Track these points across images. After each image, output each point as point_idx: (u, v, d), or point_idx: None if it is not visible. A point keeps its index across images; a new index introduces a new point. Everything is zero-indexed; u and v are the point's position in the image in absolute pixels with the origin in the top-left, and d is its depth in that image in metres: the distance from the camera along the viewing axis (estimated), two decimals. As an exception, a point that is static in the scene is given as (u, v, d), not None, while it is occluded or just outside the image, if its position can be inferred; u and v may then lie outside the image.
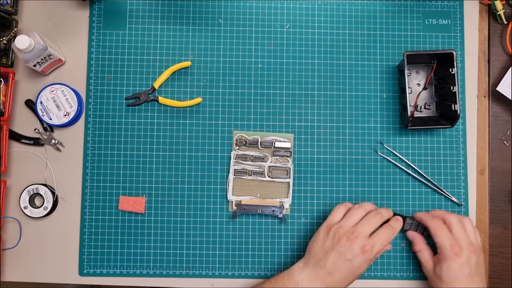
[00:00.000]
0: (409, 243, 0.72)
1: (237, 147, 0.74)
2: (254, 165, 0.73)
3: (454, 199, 0.73)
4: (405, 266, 0.73)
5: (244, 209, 0.72)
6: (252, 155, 0.73)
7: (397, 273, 0.73)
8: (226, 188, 0.73)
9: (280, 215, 0.72)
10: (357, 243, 0.63)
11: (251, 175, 0.73)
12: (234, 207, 0.72)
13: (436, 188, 0.73)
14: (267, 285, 0.65)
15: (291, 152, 0.73)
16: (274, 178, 0.73)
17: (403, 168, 0.74)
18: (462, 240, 0.65)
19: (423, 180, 0.73)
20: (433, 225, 0.67)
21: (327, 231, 0.66)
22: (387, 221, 0.68)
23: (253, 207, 0.72)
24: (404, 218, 0.70)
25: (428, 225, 0.67)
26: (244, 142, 0.73)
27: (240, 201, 0.72)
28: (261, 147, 0.73)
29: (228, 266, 0.73)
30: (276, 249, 0.73)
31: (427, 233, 0.69)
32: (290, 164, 0.73)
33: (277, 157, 0.73)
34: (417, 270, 0.73)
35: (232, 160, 0.73)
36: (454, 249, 0.64)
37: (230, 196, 0.73)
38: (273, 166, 0.73)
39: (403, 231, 0.72)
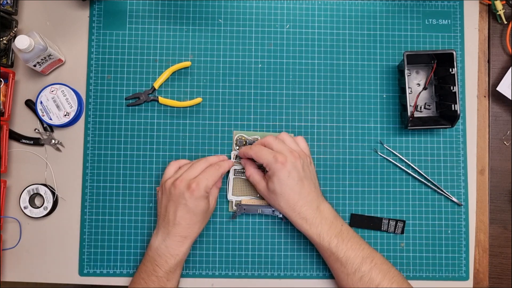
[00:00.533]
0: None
1: (237, 147, 0.73)
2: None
3: (454, 199, 0.73)
4: (405, 266, 0.73)
5: (244, 209, 0.72)
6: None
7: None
8: (226, 188, 0.73)
9: (280, 215, 0.72)
10: (182, 185, 0.65)
11: None
12: (234, 207, 0.72)
13: (436, 188, 0.73)
14: (139, 267, 0.68)
15: None
16: None
17: (403, 168, 0.74)
18: (284, 150, 0.66)
19: (423, 180, 0.73)
20: (253, 151, 0.67)
21: (162, 189, 0.68)
22: None
23: (253, 207, 0.72)
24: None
25: (249, 154, 0.68)
26: (244, 142, 0.73)
27: (240, 201, 0.72)
28: None
29: (228, 266, 0.73)
30: (276, 249, 0.73)
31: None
32: None
33: None
34: (417, 270, 0.73)
35: (232, 160, 0.73)
36: (278, 159, 0.64)
37: (230, 196, 0.73)
38: None
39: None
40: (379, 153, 0.74)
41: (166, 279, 0.66)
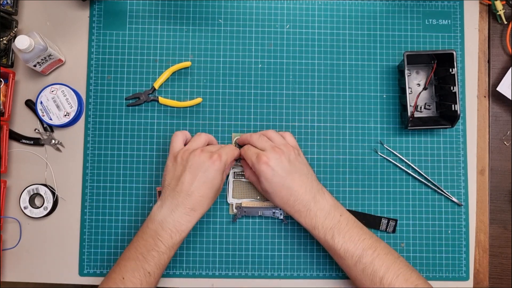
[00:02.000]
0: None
1: None
2: None
3: (454, 199, 0.73)
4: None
5: (245, 211, 0.72)
6: None
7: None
8: (226, 190, 0.73)
9: (281, 217, 0.72)
10: (204, 155, 0.63)
11: None
12: (235, 210, 0.72)
13: (436, 188, 0.73)
14: (136, 240, 0.63)
15: None
16: None
17: (403, 168, 0.74)
18: (266, 147, 0.65)
19: (423, 180, 0.73)
20: (242, 152, 0.67)
21: (174, 159, 0.65)
22: None
23: (253, 209, 0.72)
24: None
25: (241, 155, 0.68)
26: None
27: (241, 203, 0.72)
28: None
29: (228, 267, 0.73)
30: (276, 249, 0.73)
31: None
32: None
33: None
34: (417, 270, 0.73)
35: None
36: (261, 160, 0.63)
37: (230, 199, 0.72)
38: None
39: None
40: (379, 153, 0.74)
41: (167, 256, 0.62)
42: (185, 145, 0.68)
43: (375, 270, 0.60)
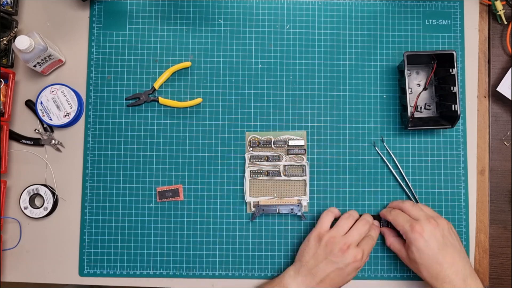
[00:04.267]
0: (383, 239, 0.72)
1: (251, 149, 0.73)
2: (269, 165, 0.73)
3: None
4: (405, 266, 0.73)
5: (263, 209, 0.72)
6: (266, 155, 0.73)
7: (397, 273, 0.73)
8: (244, 189, 0.73)
9: (299, 213, 0.72)
10: (350, 253, 0.64)
11: (267, 175, 0.73)
12: (253, 209, 0.72)
13: (411, 197, 0.73)
14: None
15: (305, 149, 0.73)
16: (290, 176, 0.72)
17: (392, 170, 0.74)
18: (421, 217, 0.65)
19: (404, 186, 0.73)
20: (392, 216, 0.68)
21: (318, 240, 0.66)
22: None
23: (271, 207, 0.72)
24: (379, 220, 0.71)
25: (388, 219, 0.68)
26: (258, 143, 0.73)
27: (258, 202, 0.72)
28: (274, 146, 0.73)
29: (228, 267, 0.73)
30: (276, 250, 0.73)
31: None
32: (305, 162, 0.73)
33: (291, 156, 0.73)
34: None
35: (247, 162, 0.73)
36: (414, 229, 0.64)
37: (248, 198, 0.72)
38: (288, 165, 0.73)
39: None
40: (377, 149, 0.74)
41: None
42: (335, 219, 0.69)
43: None
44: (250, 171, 0.73)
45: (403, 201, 0.69)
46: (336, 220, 0.69)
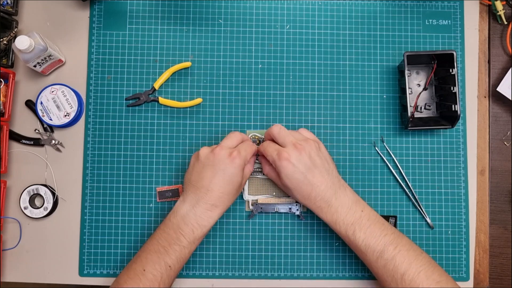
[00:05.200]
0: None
1: None
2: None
3: (428, 219, 0.73)
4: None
5: (261, 208, 0.72)
6: None
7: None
8: (242, 187, 0.73)
9: (297, 213, 0.72)
10: (223, 152, 0.64)
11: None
12: (251, 207, 0.72)
13: (414, 201, 0.73)
14: (158, 233, 0.65)
15: None
16: None
17: (392, 170, 0.74)
18: (286, 144, 0.65)
19: (405, 188, 0.73)
20: (263, 147, 0.68)
21: (196, 158, 0.67)
22: None
23: (270, 205, 0.72)
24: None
25: (260, 150, 0.68)
26: (258, 141, 0.73)
27: (257, 200, 0.72)
28: None
29: (228, 266, 0.73)
30: (276, 250, 0.73)
31: None
32: None
33: None
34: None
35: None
36: (281, 156, 0.63)
37: (246, 196, 0.72)
38: None
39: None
40: (377, 149, 0.74)
41: (188, 251, 0.64)
42: None
43: (396, 266, 0.60)
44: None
45: (271, 127, 0.68)
46: None
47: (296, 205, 0.72)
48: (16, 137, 0.73)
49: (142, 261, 0.63)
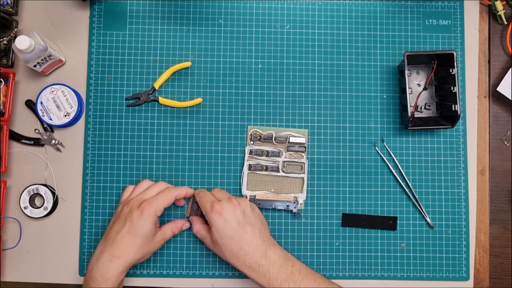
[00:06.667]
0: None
1: (252, 142, 0.73)
2: (269, 160, 0.73)
3: (428, 219, 0.73)
4: (406, 266, 0.73)
5: (259, 204, 0.72)
6: (266, 150, 0.73)
7: (397, 273, 0.73)
8: (241, 182, 0.73)
9: (295, 210, 0.72)
10: (134, 204, 0.65)
11: (266, 170, 0.73)
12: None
13: (414, 201, 0.73)
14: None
15: (305, 147, 0.73)
16: (288, 173, 0.73)
17: (392, 170, 0.74)
18: (223, 197, 0.66)
19: (405, 187, 0.73)
20: (199, 196, 0.68)
21: (115, 212, 0.68)
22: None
23: (267, 201, 0.72)
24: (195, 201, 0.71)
25: (196, 198, 0.69)
26: (259, 137, 0.73)
27: (255, 196, 0.72)
28: (275, 142, 0.73)
29: (228, 266, 0.73)
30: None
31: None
32: (304, 159, 0.73)
33: (291, 152, 0.73)
34: (417, 271, 0.73)
35: (247, 155, 0.73)
36: (214, 208, 0.64)
37: (244, 191, 0.72)
38: (287, 161, 0.73)
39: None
40: (377, 149, 0.74)
41: None
42: None
43: None
44: (249, 164, 0.73)
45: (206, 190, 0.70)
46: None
47: (294, 202, 0.72)
48: (16, 137, 0.73)
49: None
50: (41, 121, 0.73)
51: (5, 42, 0.71)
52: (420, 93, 0.74)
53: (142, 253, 0.65)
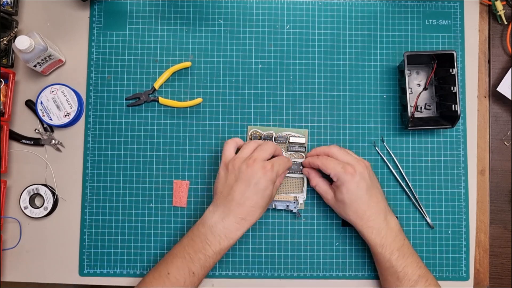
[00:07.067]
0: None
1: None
2: None
3: (428, 219, 0.73)
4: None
5: None
6: None
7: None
8: None
9: (295, 210, 0.72)
10: (257, 165, 0.64)
11: None
12: None
13: (414, 201, 0.73)
14: (186, 240, 0.65)
15: (305, 147, 0.73)
16: (288, 173, 0.72)
17: (392, 170, 0.74)
18: (351, 160, 0.66)
19: (405, 188, 0.73)
20: (320, 161, 0.68)
21: (226, 168, 0.66)
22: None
23: None
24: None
25: (316, 164, 0.68)
26: (259, 137, 0.73)
27: None
28: (275, 142, 0.73)
29: (228, 266, 0.73)
30: (277, 249, 0.73)
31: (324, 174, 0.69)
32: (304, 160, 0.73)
33: (291, 152, 0.73)
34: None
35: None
36: (348, 171, 0.65)
37: None
38: None
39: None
40: (377, 149, 0.74)
41: (213, 260, 0.64)
42: (237, 151, 0.69)
43: None
44: None
45: (328, 146, 0.69)
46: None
47: (294, 202, 0.72)
48: (16, 137, 0.73)
49: (168, 264, 0.64)
50: (41, 121, 0.74)
51: (5, 42, 0.71)
52: (420, 93, 0.74)
53: (262, 213, 0.66)
